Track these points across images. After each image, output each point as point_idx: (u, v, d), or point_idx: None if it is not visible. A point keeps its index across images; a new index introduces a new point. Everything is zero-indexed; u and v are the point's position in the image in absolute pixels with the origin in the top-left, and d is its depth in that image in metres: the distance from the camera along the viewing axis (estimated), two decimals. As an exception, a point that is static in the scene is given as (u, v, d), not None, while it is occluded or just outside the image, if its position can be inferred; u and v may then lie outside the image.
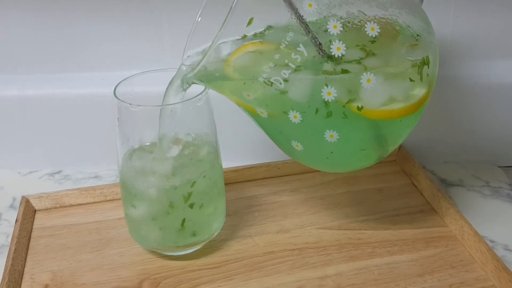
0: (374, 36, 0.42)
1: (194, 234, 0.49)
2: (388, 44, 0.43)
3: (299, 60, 0.41)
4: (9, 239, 0.55)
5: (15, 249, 0.51)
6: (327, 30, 0.41)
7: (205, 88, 0.47)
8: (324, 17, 0.41)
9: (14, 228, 0.54)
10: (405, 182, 0.63)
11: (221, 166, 0.51)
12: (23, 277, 0.50)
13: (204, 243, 0.52)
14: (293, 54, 0.41)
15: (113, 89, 0.47)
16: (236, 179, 0.63)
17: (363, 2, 0.43)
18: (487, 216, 0.59)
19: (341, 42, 0.41)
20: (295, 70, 0.41)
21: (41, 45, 0.66)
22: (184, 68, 0.46)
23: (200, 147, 0.49)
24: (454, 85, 0.66)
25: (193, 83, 0.45)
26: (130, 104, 0.46)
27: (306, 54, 0.41)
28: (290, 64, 0.41)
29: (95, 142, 0.67)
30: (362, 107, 0.42)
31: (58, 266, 0.51)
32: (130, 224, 0.51)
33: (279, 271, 0.50)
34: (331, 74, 0.41)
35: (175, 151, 0.47)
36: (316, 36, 0.41)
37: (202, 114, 0.48)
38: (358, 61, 0.42)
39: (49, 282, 0.49)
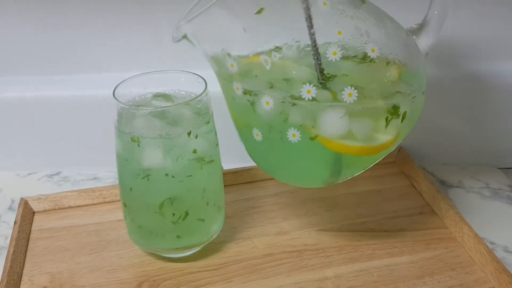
0: (371, 58, 0.43)
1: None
2: (376, 78, 0.44)
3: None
4: (8, 241, 0.55)
5: (13, 251, 0.51)
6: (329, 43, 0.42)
7: (205, 89, 0.47)
8: (336, 22, 0.43)
9: (13, 230, 0.54)
10: (405, 183, 0.63)
11: (221, 167, 0.51)
12: (22, 279, 0.50)
13: (203, 245, 0.52)
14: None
15: (112, 90, 0.47)
16: (235, 181, 0.63)
17: (373, 24, 0.44)
18: (487, 218, 0.59)
19: (339, 49, 0.42)
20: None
21: (40, 47, 0.66)
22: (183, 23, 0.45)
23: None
24: (452, 87, 0.66)
25: (184, 37, 0.45)
26: (129, 105, 0.46)
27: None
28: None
29: (94, 143, 0.67)
30: (316, 136, 0.43)
31: (57, 268, 0.51)
32: (129, 224, 0.51)
33: (278, 273, 0.50)
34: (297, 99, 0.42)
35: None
36: (316, 40, 0.42)
37: (202, 115, 0.48)
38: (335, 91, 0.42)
39: (48, 284, 0.49)
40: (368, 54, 0.43)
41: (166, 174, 0.46)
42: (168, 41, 0.66)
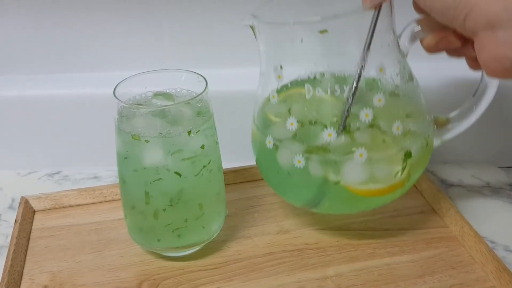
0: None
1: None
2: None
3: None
4: (8, 240, 0.55)
5: (14, 250, 0.51)
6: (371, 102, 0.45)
7: (205, 88, 0.47)
8: (384, 90, 0.45)
9: (13, 229, 0.54)
10: (405, 182, 0.63)
11: (221, 166, 0.51)
12: (22, 277, 0.50)
13: (203, 244, 0.52)
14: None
15: (113, 89, 0.47)
16: (236, 180, 0.63)
17: (412, 105, 0.47)
18: (487, 217, 0.59)
19: (372, 113, 0.44)
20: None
21: (41, 45, 0.66)
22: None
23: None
24: (453, 84, 0.66)
25: (251, 27, 0.46)
26: (129, 104, 0.46)
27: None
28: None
29: (94, 142, 0.67)
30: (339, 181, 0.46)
31: (58, 267, 0.51)
32: (129, 223, 0.51)
33: (278, 272, 0.50)
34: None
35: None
36: (354, 96, 0.44)
37: (203, 114, 0.48)
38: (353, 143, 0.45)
39: (48, 283, 0.49)
40: (392, 131, 0.45)
41: (167, 173, 0.46)
42: (169, 40, 0.66)
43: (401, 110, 0.46)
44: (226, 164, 0.53)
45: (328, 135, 0.44)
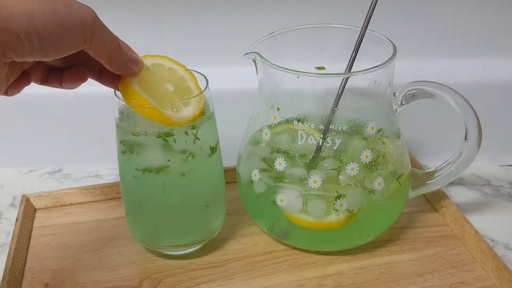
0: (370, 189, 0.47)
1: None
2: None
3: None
4: (10, 238, 0.55)
5: (15, 248, 0.51)
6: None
7: (206, 87, 0.47)
8: (373, 147, 0.47)
9: (15, 227, 0.54)
10: (406, 181, 0.63)
11: (221, 164, 0.51)
12: (24, 276, 0.50)
13: (204, 242, 0.52)
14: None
15: (114, 88, 0.47)
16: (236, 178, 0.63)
17: (395, 162, 0.48)
18: (487, 215, 0.59)
19: (357, 167, 0.46)
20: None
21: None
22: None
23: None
24: (453, 83, 0.65)
25: (253, 59, 0.48)
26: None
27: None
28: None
29: (95, 140, 0.67)
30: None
31: (59, 265, 0.51)
32: (130, 221, 0.51)
33: (279, 271, 0.50)
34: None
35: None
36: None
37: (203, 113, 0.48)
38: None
39: (50, 281, 0.49)
40: (374, 186, 0.46)
41: (168, 171, 0.46)
42: (169, 38, 0.66)
43: (388, 167, 0.48)
44: (227, 163, 0.53)
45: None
